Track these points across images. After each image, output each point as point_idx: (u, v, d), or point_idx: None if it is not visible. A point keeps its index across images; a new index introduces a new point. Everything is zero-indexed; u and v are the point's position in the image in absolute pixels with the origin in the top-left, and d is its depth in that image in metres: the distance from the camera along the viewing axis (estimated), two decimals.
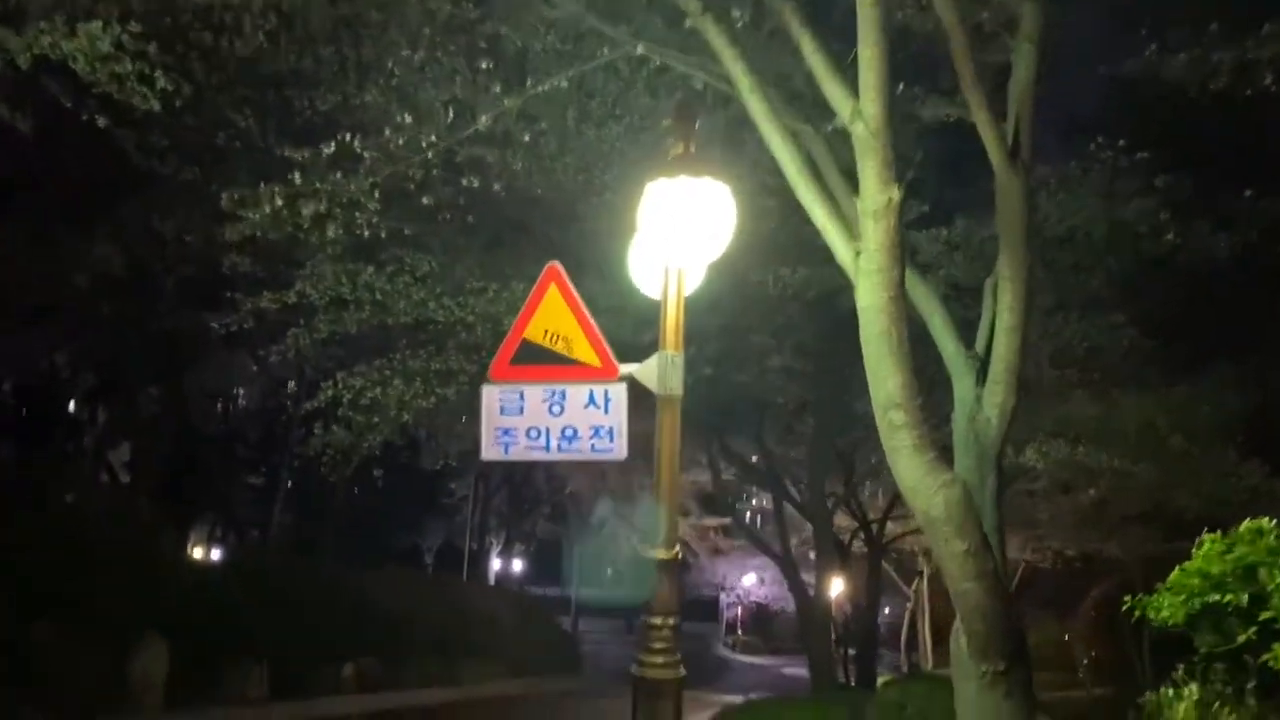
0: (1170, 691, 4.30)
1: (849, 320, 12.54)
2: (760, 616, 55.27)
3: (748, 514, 41.29)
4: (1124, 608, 5.27)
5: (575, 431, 4.40)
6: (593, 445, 4.41)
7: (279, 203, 7.47)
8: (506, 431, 4.46)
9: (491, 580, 38.95)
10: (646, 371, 4.33)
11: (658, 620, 4.21)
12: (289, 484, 30.39)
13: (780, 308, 11.44)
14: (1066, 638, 20.96)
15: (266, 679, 16.22)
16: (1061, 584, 20.76)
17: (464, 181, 8.47)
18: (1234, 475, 11.10)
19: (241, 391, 32.46)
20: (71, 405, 27.39)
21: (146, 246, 17.20)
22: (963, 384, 5.40)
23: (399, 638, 20.60)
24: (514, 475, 35.73)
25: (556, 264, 4.55)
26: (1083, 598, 20.44)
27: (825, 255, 11.27)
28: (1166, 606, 4.18)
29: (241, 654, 15.83)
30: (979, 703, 4.81)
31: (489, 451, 4.51)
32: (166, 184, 13.53)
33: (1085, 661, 19.92)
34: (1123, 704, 9.67)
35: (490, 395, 4.50)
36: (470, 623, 24.57)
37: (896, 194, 4.59)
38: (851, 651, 20.77)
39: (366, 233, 8.16)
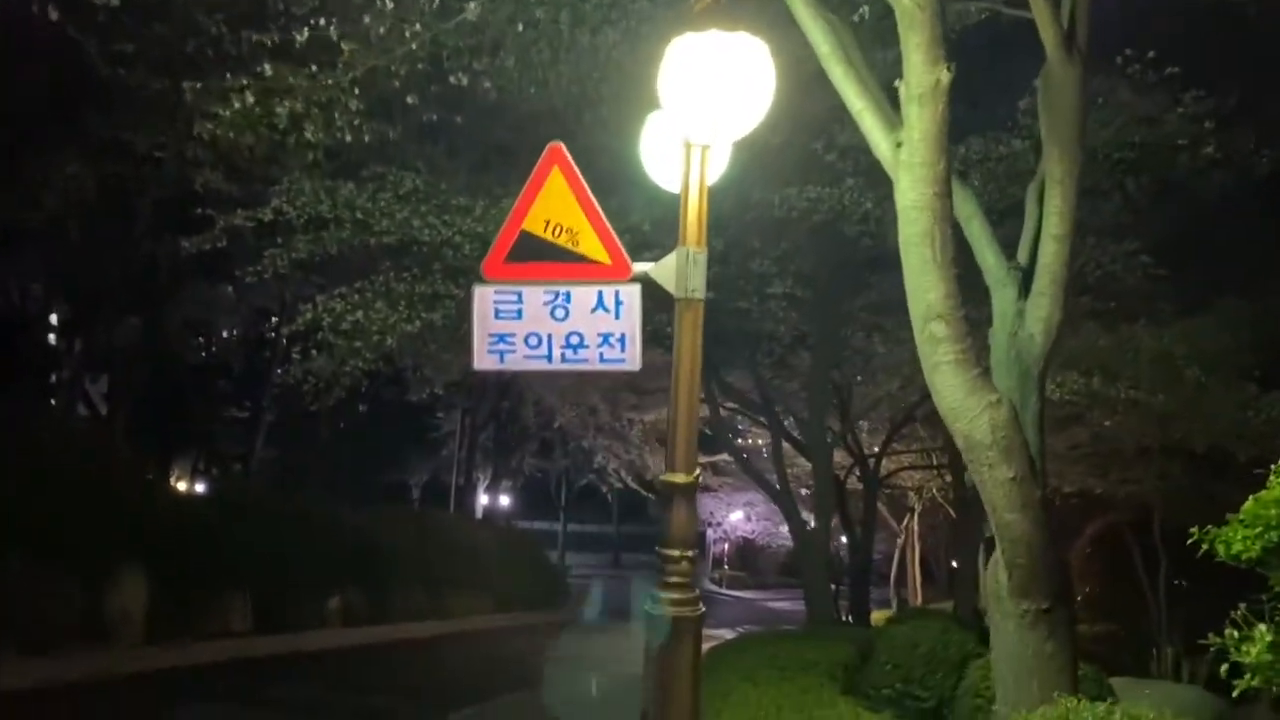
0: (1236, 634, 3.86)
1: (854, 247, 12.03)
2: (746, 552, 55.50)
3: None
4: (1182, 540, 4.81)
5: (581, 338, 3.85)
6: (601, 355, 3.86)
7: (250, 99, 6.83)
8: (502, 338, 3.89)
9: (479, 515, 38.66)
10: (663, 270, 3.76)
11: (675, 553, 3.72)
12: (272, 417, 29.86)
13: (784, 232, 10.90)
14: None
15: (250, 613, 15.88)
16: (1058, 521, 20.48)
17: (451, 79, 7.81)
18: (1252, 408, 10.70)
19: (223, 324, 31.73)
20: (52, 338, 26.74)
21: (118, 165, 16.43)
22: (1003, 297, 4.89)
23: (385, 572, 20.30)
24: (501, 410, 35.23)
25: (559, 144, 3.95)
26: (1078, 535, 20.20)
27: (831, 176, 10.76)
28: (1239, 540, 3.72)
29: (225, 587, 15.47)
30: (1019, 643, 4.39)
31: (482, 360, 3.96)
32: (135, 97, 12.81)
33: (1079, 598, 19.78)
34: (1133, 640, 9.38)
35: (483, 297, 3.93)
36: (458, 557, 24.30)
37: (945, 75, 4.04)
38: (844, 587, 20.60)
39: (348, 136, 7.54)
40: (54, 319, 26.15)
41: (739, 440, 42.95)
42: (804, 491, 33.34)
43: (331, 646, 16.32)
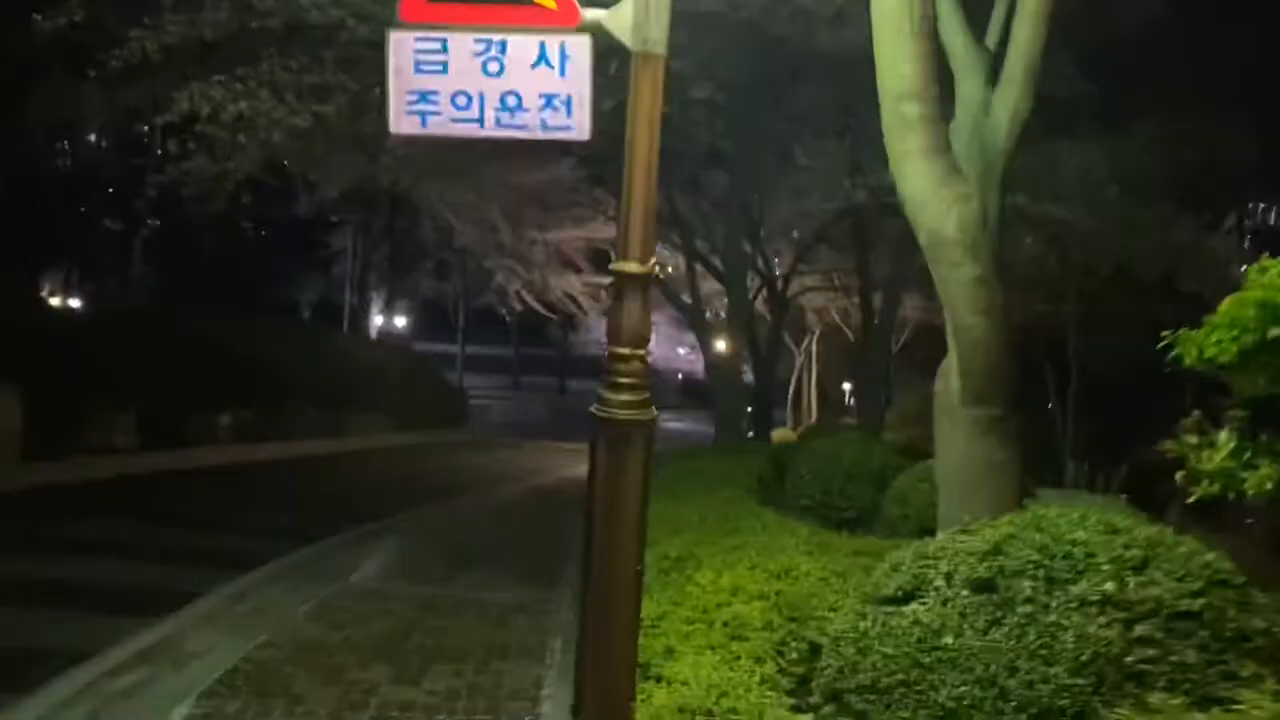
0: (1194, 439, 3.71)
1: (779, 52, 11.40)
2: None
3: None
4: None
5: (519, 99, 3.27)
6: (543, 120, 3.31)
7: None
8: (424, 96, 3.28)
9: (374, 337, 37.86)
10: (618, 18, 3.19)
11: (625, 350, 3.32)
12: (149, 230, 28.22)
13: (710, 29, 10.21)
14: None
15: (135, 429, 15.21)
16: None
17: None
18: (1168, 229, 10.70)
19: (90, 126, 29.35)
20: None
21: None
22: (969, 83, 4.47)
23: (278, 390, 19.67)
24: (396, 228, 33.99)
25: None
26: None
27: None
28: (1213, 343, 3.50)
29: (107, 404, 14.72)
30: (968, 451, 4.20)
31: (400, 122, 3.36)
32: None
33: None
34: (1042, 457, 9.54)
35: (401, 45, 3.29)
36: (354, 377, 23.72)
37: None
38: (747, 408, 20.85)
39: None
40: None
41: None
42: (708, 314, 33.52)
43: (221, 463, 15.84)
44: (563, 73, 3.24)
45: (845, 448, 7.46)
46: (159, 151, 22.48)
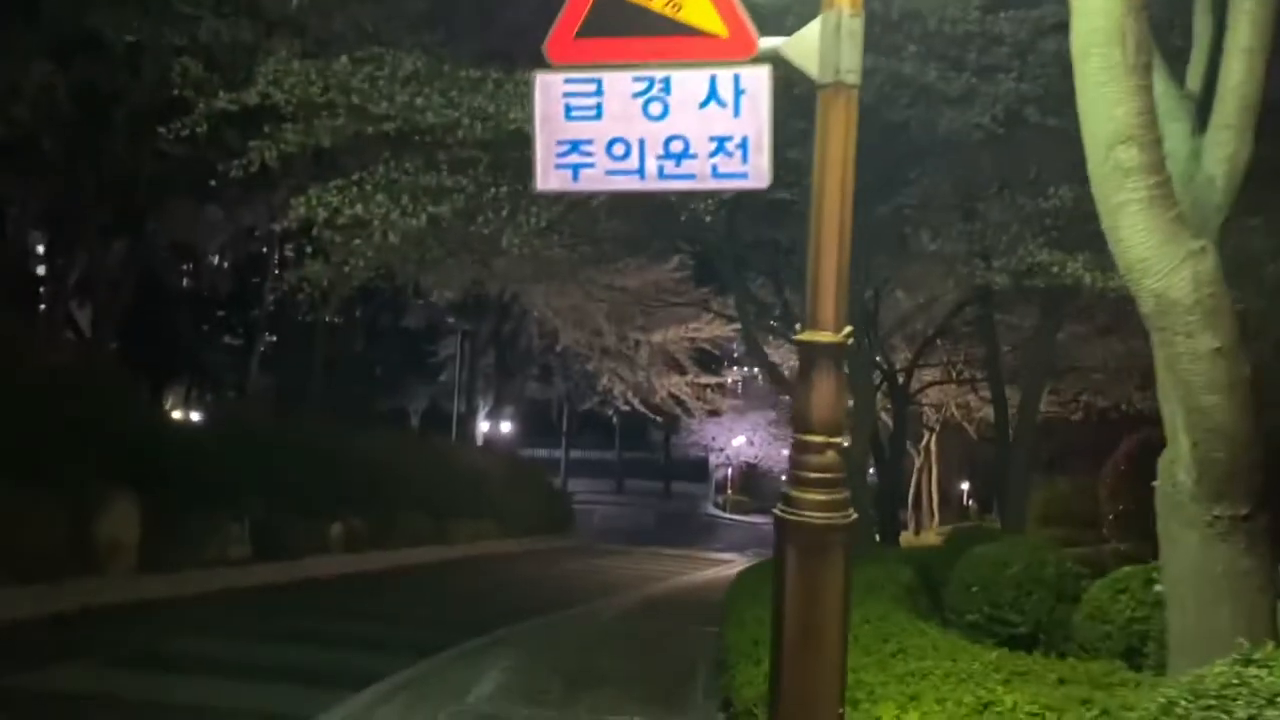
0: None
1: (897, 135, 10.99)
2: (749, 477, 55.15)
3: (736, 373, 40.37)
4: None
5: (686, 145, 2.85)
6: (714, 168, 2.87)
7: None
8: (576, 146, 2.87)
9: (480, 442, 37.99)
10: (801, 45, 2.77)
11: (816, 438, 2.79)
12: (267, 340, 28.97)
13: None
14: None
15: (249, 540, 15.13)
16: (1091, 437, 19.75)
17: None
18: None
19: (212, 246, 30.54)
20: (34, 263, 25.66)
21: (91, 67, 15.23)
22: (1173, 132, 3.90)
23: (387, 498, 19.58)
24: (502, 333, 34.26)
25: None
26: (1111, 452, 19.45)
27: (888, 45, 9.68)
28: None
29: (222, 515, 14.70)
30: (1205, 558, 3.51)
31: (548, 178, 2.95)
32: None
33: (1111, 517, 19.16)
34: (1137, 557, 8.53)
35: (549, 89, 2.90)
36: (460, 483, 23.60)
37: None
38: (871, 509, 19.95)
39: None
40: (34, 243, 25.09)
41: (742, 366, 42.27)
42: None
43: (334, 573, 15.63)
44: (737, 111, 2.81)
45: (1013, 553, 6.70)
46: (276, 260, 23.12)
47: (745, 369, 42.51)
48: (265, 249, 26.78)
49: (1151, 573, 5.37)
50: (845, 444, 2.85)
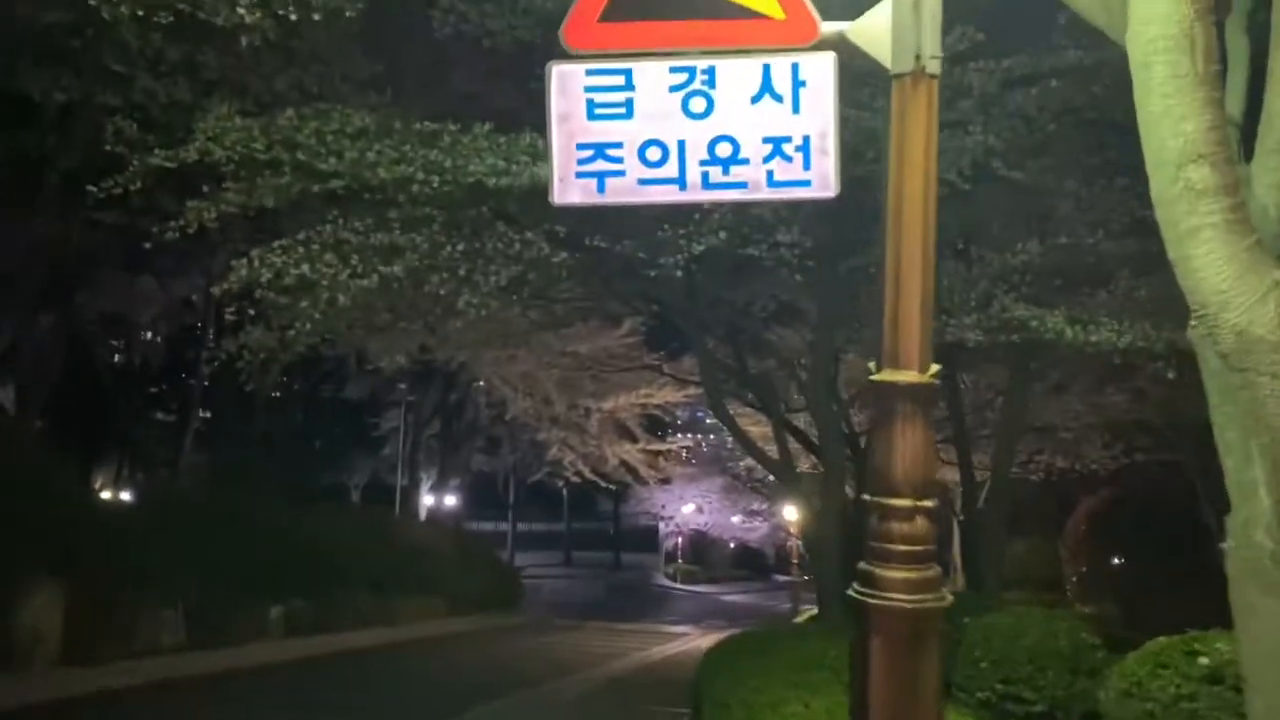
0: None
1: (865, 192, 10.83)
2: (698, 545, 54.37)
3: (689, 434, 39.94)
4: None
5: (736, 147, 2.40)
6: (770, 174, 2.43)
7: None
8: (600, 150, 2.40)
9: (424, 517, 36.90)
10: (870, 30, 2.35)
11: (903, 501, 2.33)
12: (201, 415, 27.90)
13: None
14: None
15: (183, 626, 14.20)
16: (1047, 498, 19.59)
17: None
18: None
19: (145, 320, 29.55)
20: None
21: (17, 127, 14.57)
22: None
23: (329, 578, 18.70)
24: (448, 403, 33.49)
25: None
26: (1068, 513, 19.34)
27: (855, 99, 9.50)
28: None
29: (154, 600, 13.79)
30: None
31: (568, 191, 2.46)
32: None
33: (1074, 579, 18.92)
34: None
35: (567, 82, 2.41)
36: (405, 560, 22.74)
37: None
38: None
39: (292, 13, 6.01)
40: None
41: (692, 432, 41.83)
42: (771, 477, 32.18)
43: (276, 660, 14.68)
44: (796, 107, 2.38)
45: (1026, 624, 6.26)
46: (212, 332, 22.33)
47: (695, 434, 42.08)
48: (201, 322, 25.94)
49: (1194, 644, 4.99)
50: (933, 506, 2.39)
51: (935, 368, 2.42)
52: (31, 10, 10.69)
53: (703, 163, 2.40)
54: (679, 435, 41.44)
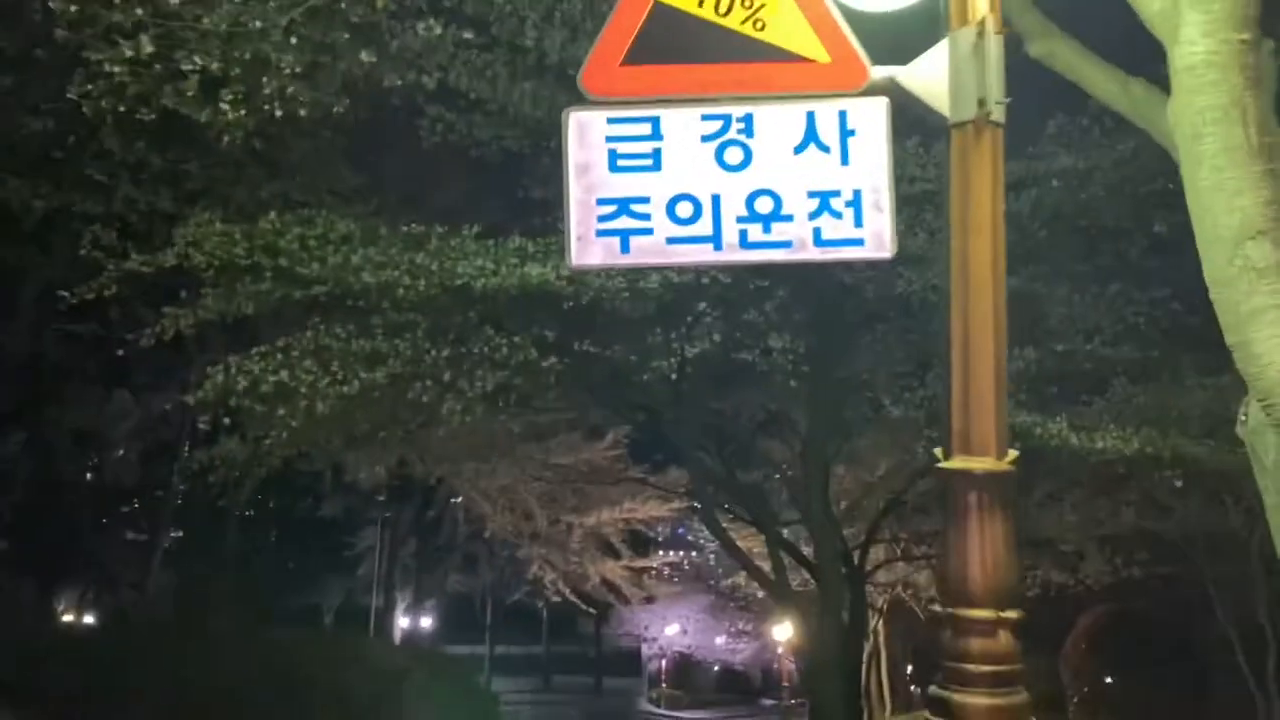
0: None
1: (855, 296, 10.70)
2: (682, 668, 52.78)
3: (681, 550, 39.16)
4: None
5: (778, 203, 2.15)
6: (817, 233, 2.18)
7: (148, 49, 5.14)
8: (624, 206, 2.13)
9: (398, 639, 35.68)
10: (925, 74, 2.14)
11: (984, 613, 2.01)
12: (171, 535, 27.09)
13: (784, 273, 9.55)
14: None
15: None
16: (1041, 614, 19.05)
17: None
18: None
19: (119, 438, 28.98)
20: None
21: None
22: None
23: (300, 703, 17.79)
24: (425, 520, 32.75)
25: None
26: (1068, 629, 18.78)
27: None
28: None
29: None
30: None
31: (587, 251, 2.15)
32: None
33: (1075, 699, 18.24)
34: None
35: (586, 132, 2.18)
36: (379, 684, 21.76)
37: None
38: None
39: (277, 110, 5.86)
40: None
41: (675, 549, 41.03)
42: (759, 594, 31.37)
43: None
44: (845, 158, 2.14)
45: None
46: (187, 445, 21.85)
47: (679, 551, 41.23)
48: (175, 438, 25.42)
49: None
50: (1019, 618, 2.06)
51: (1014, 453, 2.14)
52: (14, 120, 10.62)
53: (740, 219, 2.16)
54: (662, 552, 40.66)
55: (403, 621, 39.58)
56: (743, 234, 2.19)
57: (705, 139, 2.19)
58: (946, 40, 2.16)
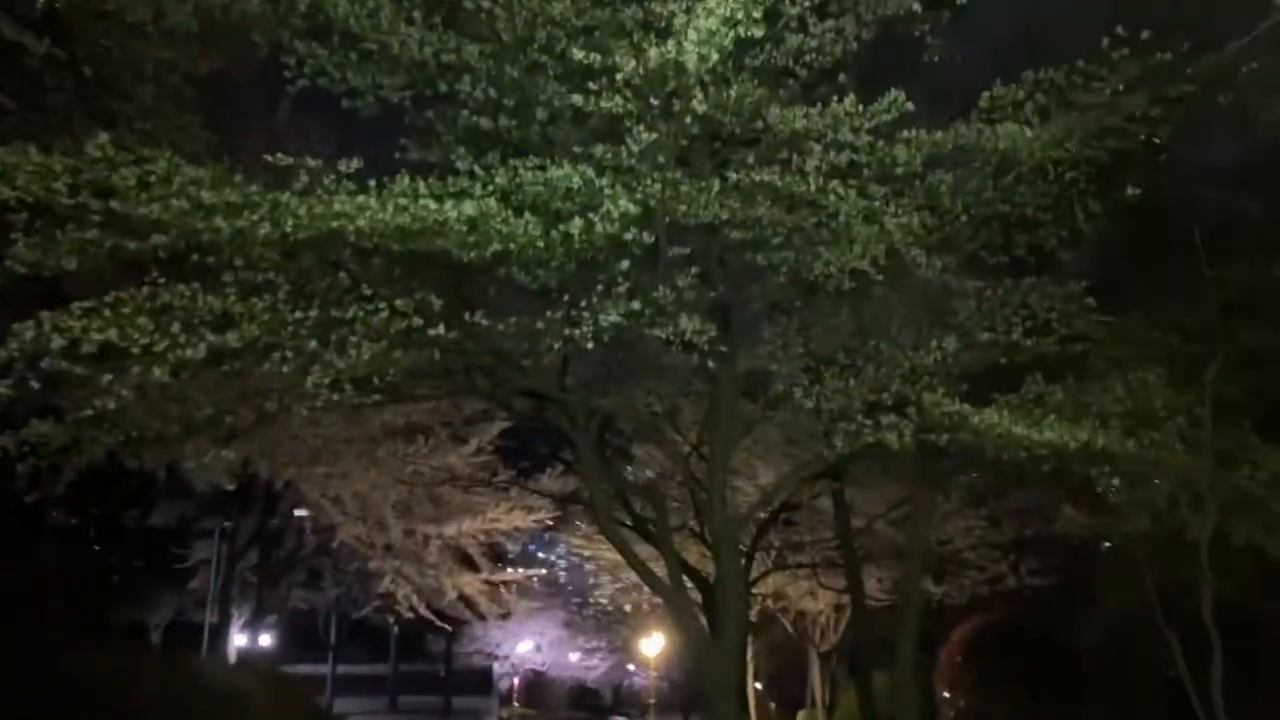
0: None
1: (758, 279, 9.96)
2: (535, 686, 51.45)
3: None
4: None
5: None
6: None
7: None
8: None
9: (234, 659, 33.16)
10: None
11: None
12: None
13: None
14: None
15: None
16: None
17: None
18: (1251, 461, 9.14)
19: None
20: None
21: None
22: None
23: None
24: (268, 530, 30.49)
25: None
26: (941, 641, 18.50)
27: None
28: None
29: None
30: None
31: None
32: None
33: (953, 714, 17.92)
34: None
35: None
36: (210, 710, 19.86)
37: None
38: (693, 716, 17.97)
39: None
40: None
41: (528, 566, 39.58)
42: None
43: None
44: None
45: None
46: None
47: (530, 570, 39.89)
48: None
49: None
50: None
51: None
52: None
53: None
54: (518, 569, 39.27)
55: (239, 639, 36.94)
56: None
57: None
58: None
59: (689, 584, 12.14)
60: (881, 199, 8.42)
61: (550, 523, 25.86)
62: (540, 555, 42.24)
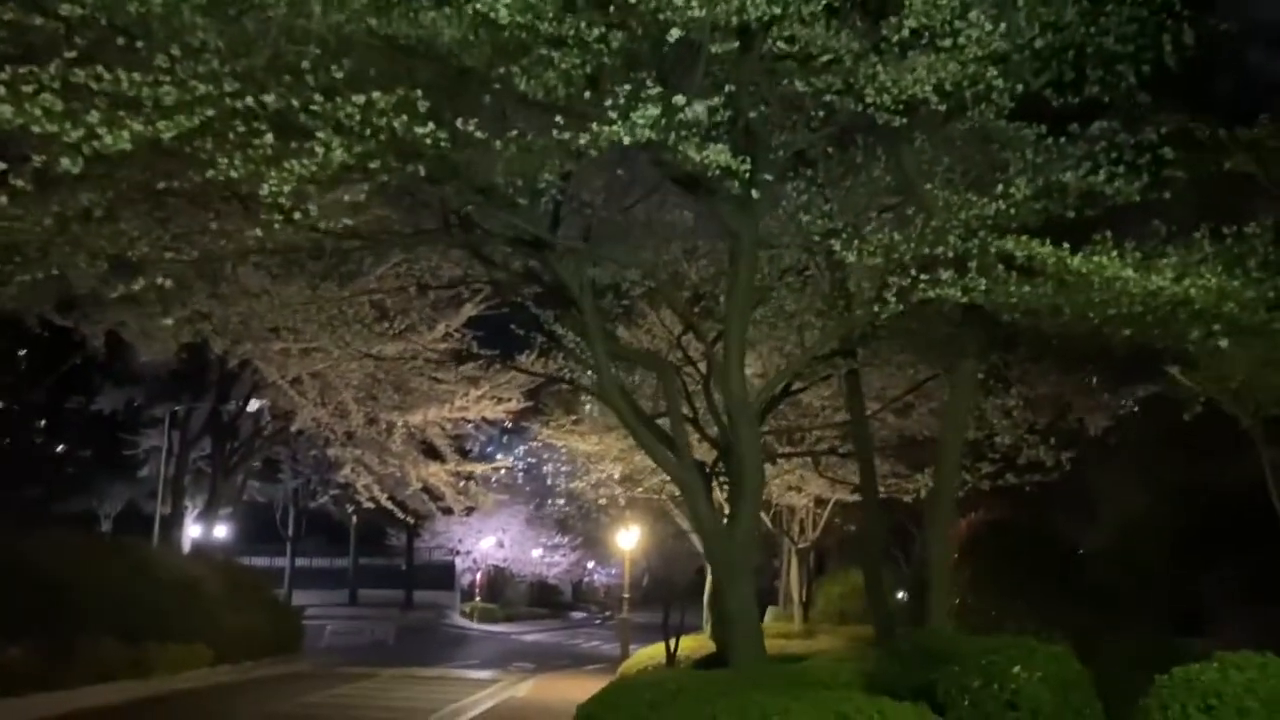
0: None
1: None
2: (496, 582, 51.06)
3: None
4: None
5: None
6: None
7: None
8: None
9: (188, 550, 32.02)
10: None
11: None
12: None
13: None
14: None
15: None
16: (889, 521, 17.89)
17: None
18: None
19: None
20: None
21: None
22: None
23: (67, 621, 14.94)
24: (220, 416, 29.01)
25: None
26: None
27: None
28: None
29: None
30: None
31: None
32: None
33: (948, 610, 17.30)
34: None
35: None
36: (165, 599, 18.88)
37: None
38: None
39: None
40: None
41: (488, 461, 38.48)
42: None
43: None
44: None
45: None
46: None
47: (512, 455, 38.89)
48: None
49: None
50: None
51: None
52: None
53: None
54: (481, 462, 38.26)
55: (193, 531, 35.79)
56: None
57: None
58: None
59: None
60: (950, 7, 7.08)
61: (518, 413, 24.68)
62: (500, 457, 41.17)
